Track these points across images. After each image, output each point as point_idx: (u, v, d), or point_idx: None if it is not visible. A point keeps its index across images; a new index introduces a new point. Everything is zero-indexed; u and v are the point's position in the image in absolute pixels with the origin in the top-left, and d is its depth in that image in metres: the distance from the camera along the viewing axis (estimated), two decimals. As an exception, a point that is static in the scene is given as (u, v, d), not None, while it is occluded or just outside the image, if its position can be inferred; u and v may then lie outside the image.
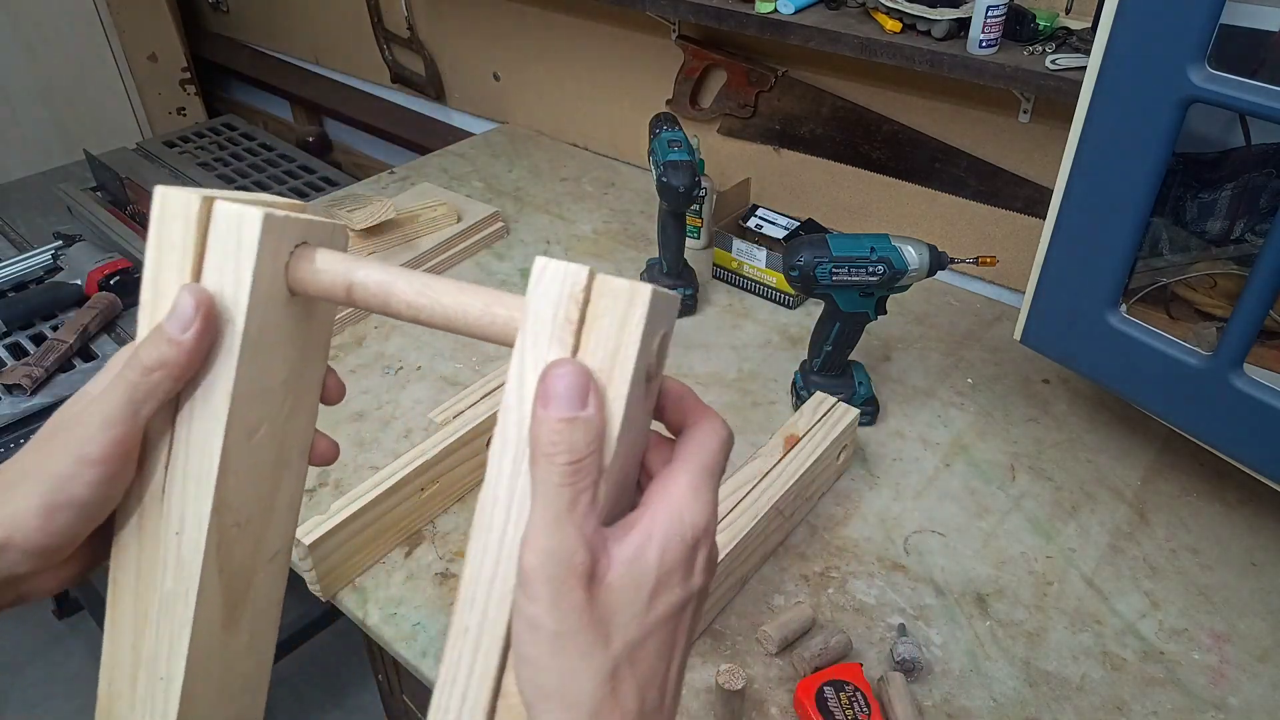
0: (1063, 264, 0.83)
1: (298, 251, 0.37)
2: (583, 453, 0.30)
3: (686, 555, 0.31)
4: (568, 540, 0.29)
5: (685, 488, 0.32)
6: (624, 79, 1.53)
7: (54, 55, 2.03)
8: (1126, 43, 0.70)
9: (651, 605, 0.31)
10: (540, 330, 0.32)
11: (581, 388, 0.30)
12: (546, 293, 0.32)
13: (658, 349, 0.33)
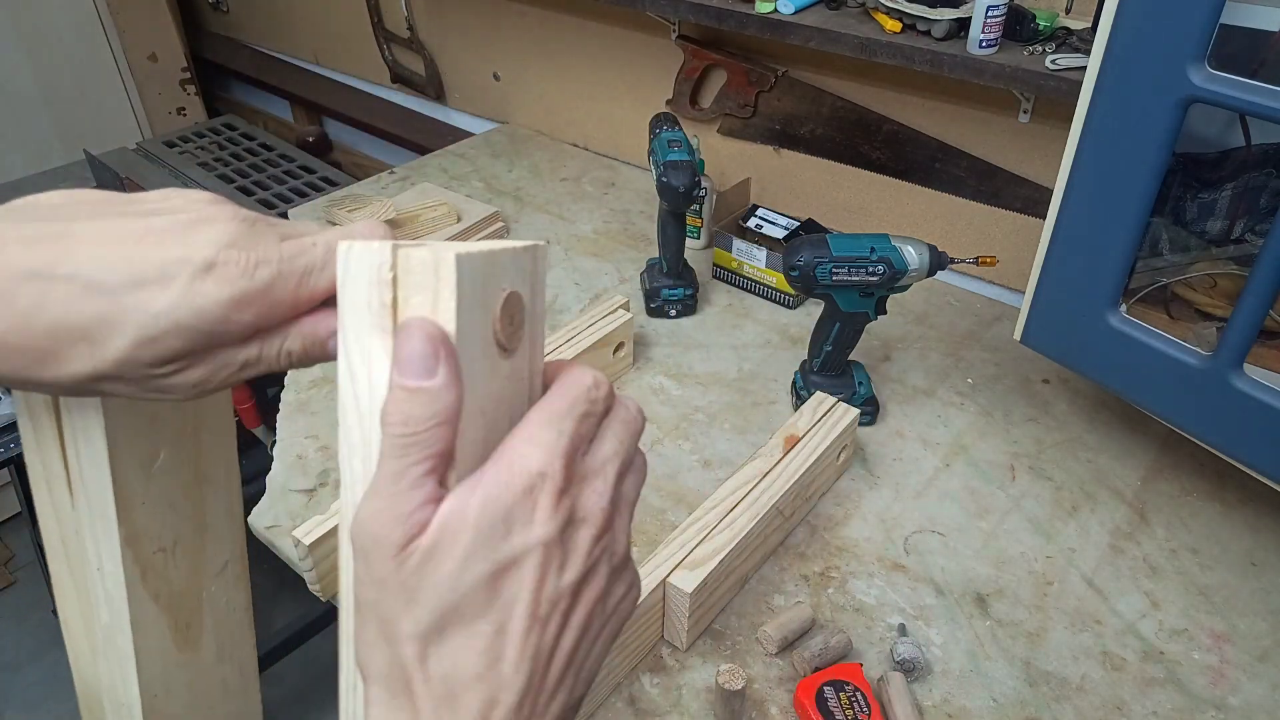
0: (1063, 264, 0.83)
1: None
2: (420, 425, 0.28)
3: (515, 502, 0.29)
4: (381, 514, 0.28)
5: (520, 437, 0.30)
6: (624, 79, 1.53)
7: (54, 55, 2.03)
8: (1126, 43, 0.70)
9: (466, 565, 0.28)
10: (359, 319, 0.30)
11: (428, 354, 0.28)
12: (355, 279, 0.29)
13: (504, 310, 0.30)
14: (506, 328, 0.31)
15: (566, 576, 0.30)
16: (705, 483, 0.93)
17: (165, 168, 1.76)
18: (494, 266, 0.30)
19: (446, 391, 0.28)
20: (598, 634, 0.32)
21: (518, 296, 0.31)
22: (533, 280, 0.32)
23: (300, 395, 1.04)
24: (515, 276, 0.31)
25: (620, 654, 0.71)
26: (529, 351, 0.33)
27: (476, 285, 0.29)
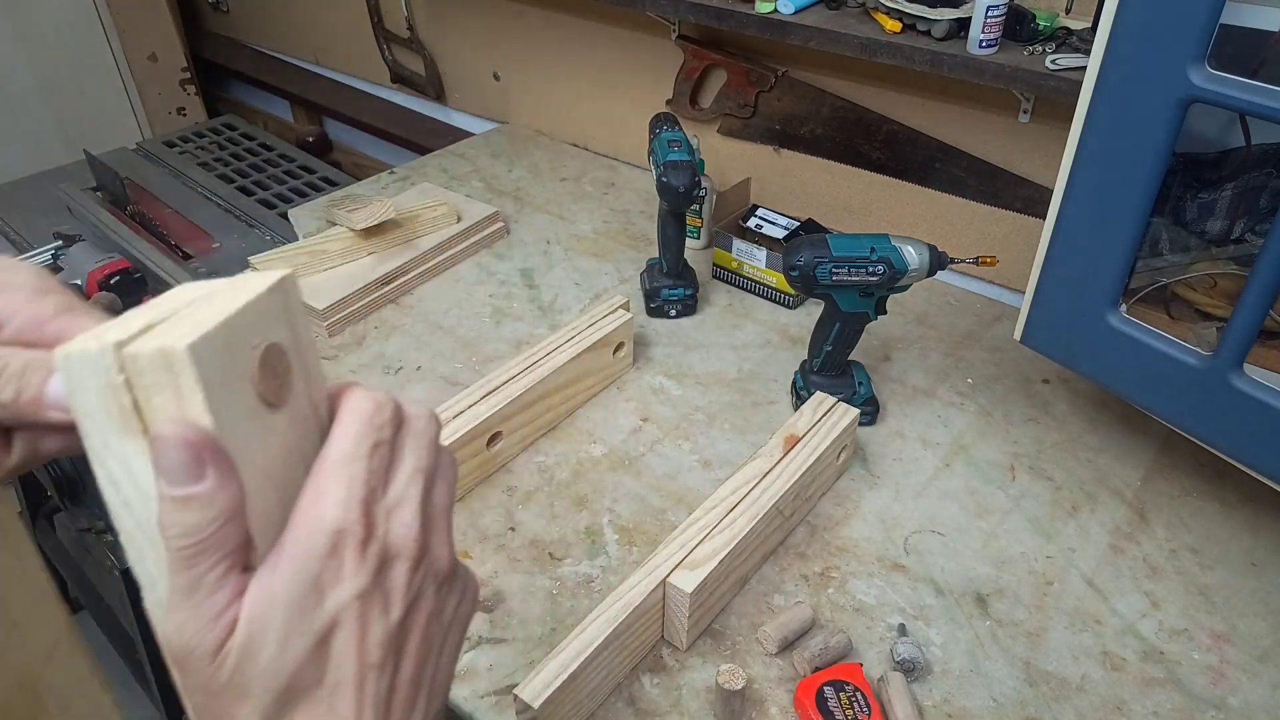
0: (1063, 264, 0.83)
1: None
2: (203, 532, 0.27)
3: (322, 568, 0.28)
4: (186, 625, 0.27)
5: (308, 498, 0.29)
6: (624, 79, 1.53)
7: (54, 55, 2.03)
8: (1126, 43, 0.70)
9: (287, 646, 0.28)
10: (102, 429, 0.27)
11: (187, 460, 0.26)
12: (84, 390, 0.27)
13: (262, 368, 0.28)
14: (270, 383, 0.29)
15: (392, 616, 0.29)
16: (705, 483, 0.93)
17: (165, 168, 1.76)
18: (237, 331, 0.27)
19: (221, 491, 0.27)
20: (440, 648, 0.32)
21: (276, 347, 0.29)
22: (289, 316, 0.30)
23: (300, 395, 1.04)
24: (268, 325, 0.29)
25: (620, 654, 0.71)
26: (305, 389, 0.31)
27: (222, 361, 0.27)
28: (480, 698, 0.72)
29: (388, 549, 0.29)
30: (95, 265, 1.33)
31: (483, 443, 0.90)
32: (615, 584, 0.75)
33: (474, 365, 1.09)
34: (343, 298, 1.15)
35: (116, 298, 1.28)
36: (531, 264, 1.31)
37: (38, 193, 1.65)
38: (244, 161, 1.80)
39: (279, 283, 0.30)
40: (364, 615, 0.29)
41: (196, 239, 1.50)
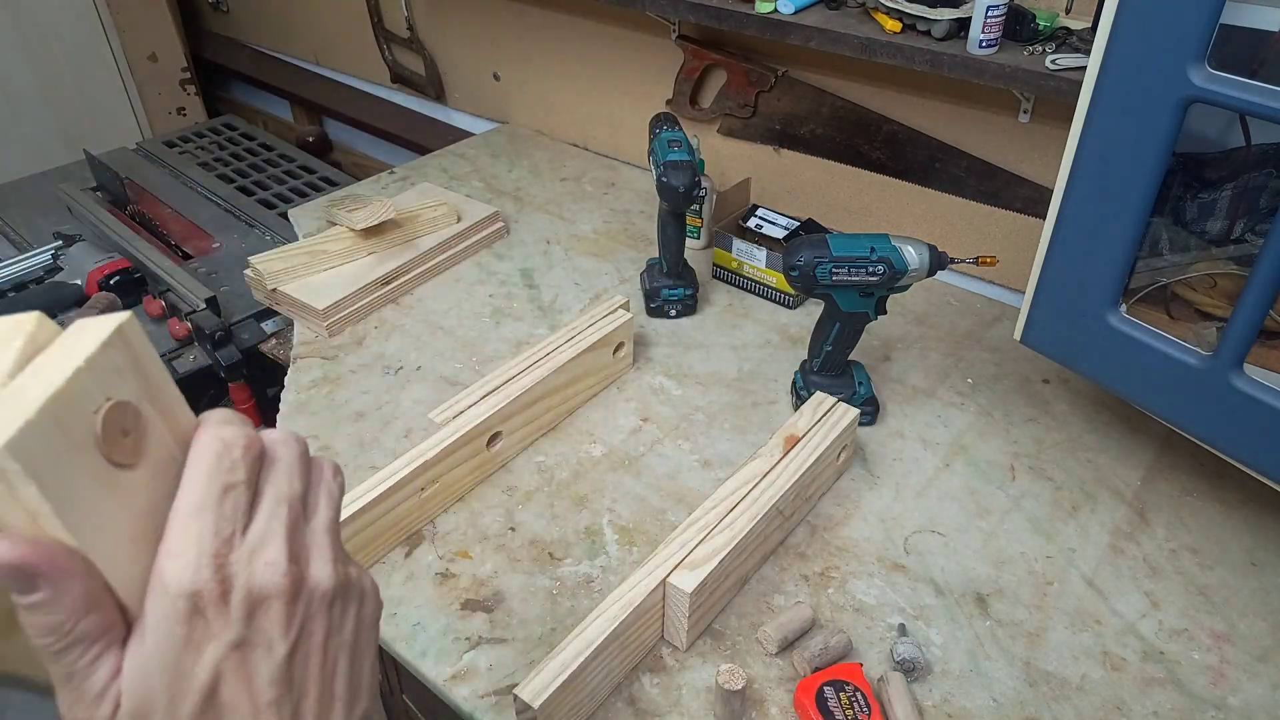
0: (1063, 264, 0.83)
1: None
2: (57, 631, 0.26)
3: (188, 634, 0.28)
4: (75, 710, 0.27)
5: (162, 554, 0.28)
6: (624, 79, 1.53)
7: (54, 55, 2.03)
8: (1126, 43, 0.70)
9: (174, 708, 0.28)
10: None
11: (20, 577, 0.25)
12: None
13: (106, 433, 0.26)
14: (119, 443, 0.27)
15: (276, 653, 0.29)
16: (705, 483, 0.93)
17: (165, 168, 1.76)
18: (70, 402, 0.25)
19: (63, 594, 0.26)
20: (350, 659, 0.32)
21: (123, 405, 0.27)
22: (135, 365, 0.28)
23: (300, 395, 1.04)
24: (109, 382, 0.26)
25: (620, 654, 0.71)
26: (166, 434, 0.29)
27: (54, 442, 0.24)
28: (480, 698, 0.72)
29: (254, 593, 0.29)
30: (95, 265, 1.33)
31: (483, 443, 0.90)
32: (615, 584, 0.75)
33: (474, 365, 1.09)
34: (343, 298, 1.15)
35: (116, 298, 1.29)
36: (531, 264, 1.31)
37: (38, 193, 1.65)
38: (244, 161, 1.80)
39: (116, 332, 0.27)
40: (245, 662, 0.29)
41: (196, 239, 1.50)
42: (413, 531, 0.86)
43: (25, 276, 1.36)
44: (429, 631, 0.77)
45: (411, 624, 0.78)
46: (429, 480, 0.85)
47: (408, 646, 0.76)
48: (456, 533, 0.87)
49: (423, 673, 0.75)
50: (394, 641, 0.77)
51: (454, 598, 0.80)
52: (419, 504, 0.85)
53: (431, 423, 0.89)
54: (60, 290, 1.31)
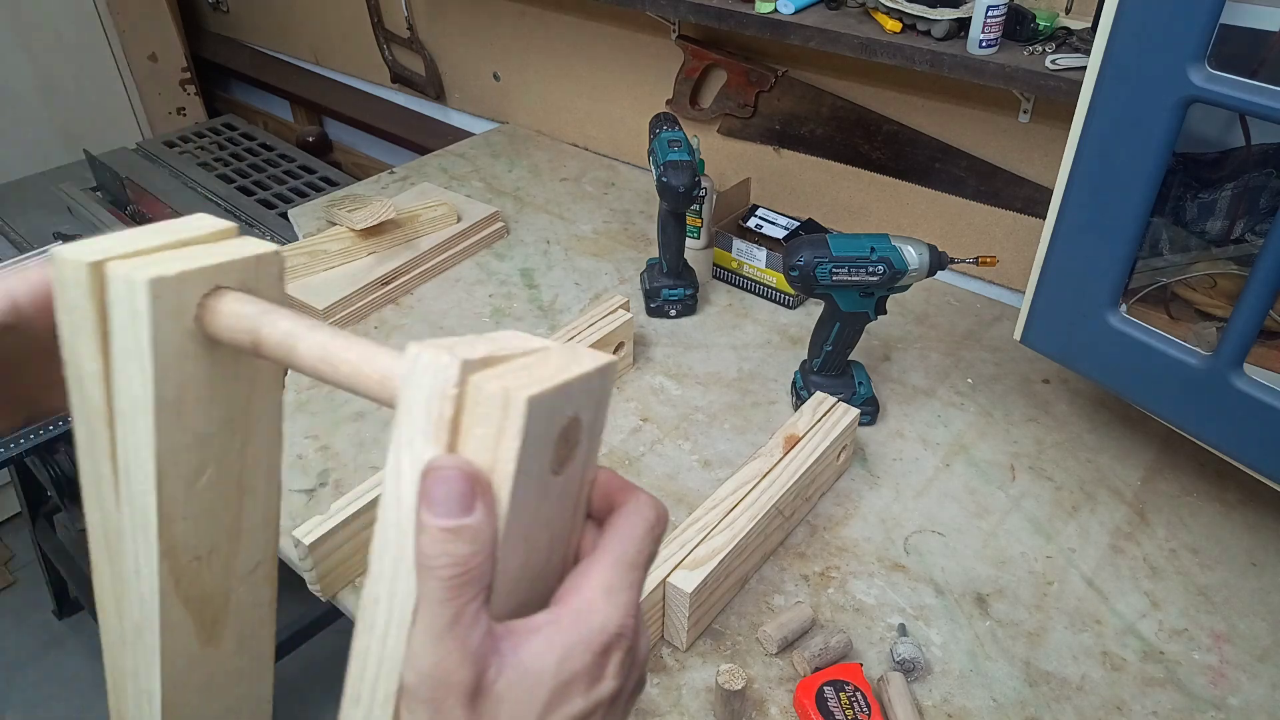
0: (1063, 264, 0.83)
1: (207, 301, 0.34)
2: (467, 564, 0.27)
3: (594, 662, 0.29)
4: (448, 658, 0.28)
5: (597, 587, 0.30)
6: (624, 79, 1.53)
7: (54, 55, 2.03)
8: (1126, 43, 0.70)
9: (545, 716, 0.29)
10: (414, 425, 0.29)
11: (464, 493, 0.27)
12: (419, 386, 0.29)
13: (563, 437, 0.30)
14: (560, 451, 0.30)
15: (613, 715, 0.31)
16: (705, 483, 0.93)
17: (165, 168, 1.76)
18: (562, 398, 0.29)
19: (488, 525, 0.28)
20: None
21: (578, 422, 0.31)
22: (598, 399, 0.32)
23: (300, 395, 1.04)
24: (582, 400, 0.31)
25: (620, 654, 0.71)
26: (581, 468, 0.32)
27: (542, 420, 0.28)
28: (480, 698, 0.72)
29: (635, 657, 0.31)
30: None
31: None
32: (615, 584, 0.75)
33: (474, 365, 1.09)
34: (343, 298, 1.15)
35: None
36: (531, 264, 1.31)
37: (38, 193, 1.65)
38: (244, 161, 1.80)
39: (606, 366, 0.31)
40: (607, 714, 0.30)
41: (196, 239, 1.50)
42: (413, 531, 0.86)
43: (25, 276, 1.36)
44: (429, 631, 0.77)
45: (411, 624, 0.78)
46: (429, 480, 0.84)
47: (408, 646, 0.76)
48: (456, 533, 0.87)
49: (423, 673, 0.75)
50: (394, 641, 0.77)
51: (454, 598, 0.80)
52: (419, 504, 0.85)
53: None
54: (60, 290, 1.31)
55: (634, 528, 0.31)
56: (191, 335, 0.34)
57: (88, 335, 0.34)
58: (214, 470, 0.38)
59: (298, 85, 2.19)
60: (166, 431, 0.35)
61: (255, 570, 0.42)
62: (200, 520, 0.38)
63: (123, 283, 0.33)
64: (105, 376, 0.35)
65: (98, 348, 0.34)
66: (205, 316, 0.34)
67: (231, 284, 0.35)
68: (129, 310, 0.33)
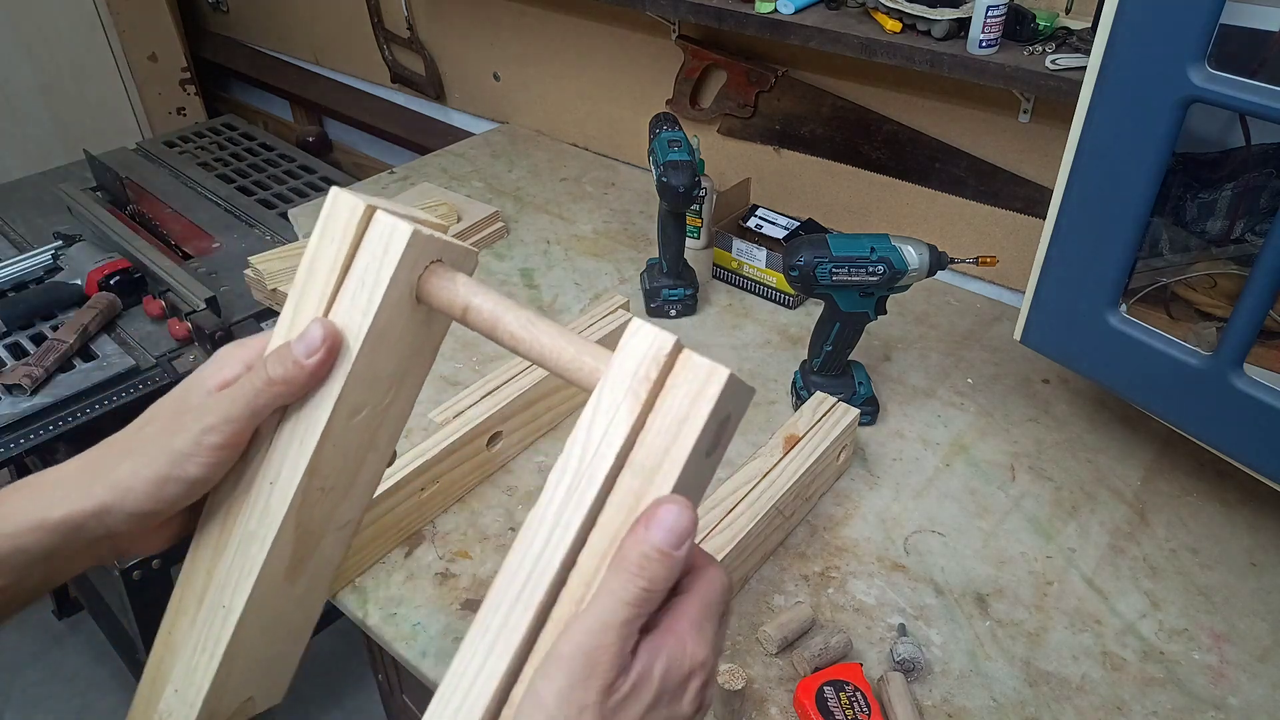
0: (1063, 264, 0.83)
1: (431, 267, 0.41)
2: (660, 586, 0.33)
3: (680, 682, 0.34)
4: (607, 651, 0.32)
5: (692, 621, 0.35)
6: (624, 79, 1.53)
7: (54, 55, 2.03)
8: (1126, 43, 0.70)
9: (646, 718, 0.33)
10: (620, 380, 0.35)
11: (685, 532, 0.33)
12: (634, 350, 0.35)
13: (720, 429, 0.35)
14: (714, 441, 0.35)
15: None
16: (705, 483, 0.93)
17: (165, 168, 1.76)
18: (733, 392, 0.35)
19: (682, 564, 0.33)
20: None
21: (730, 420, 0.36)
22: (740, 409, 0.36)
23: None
24: (736, 404, 0.35)
25: (620, 654, 0.71)
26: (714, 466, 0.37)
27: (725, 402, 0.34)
28: (480, 698, 0.72)
29: (707, 692, 0.36)
30: (95, 265, 1.33)
31: (483, 443, 0.90)
32: (615, 584, 0.75)
33: (474, 365, 1.09)
34: (343, 298, 1.15)
35: (116, 298, 1.29)
36: (531, 264, 1.31)
37: (38, 193, 1.65)
38: (244, 161, 1.80)
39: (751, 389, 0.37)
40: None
41: (196, 239, 1.50)
42: (413, 531, 0.86)
43: (25, 276, 1.36)
44: (429, 631, 0.77)
45: (412, 624, 0.78)
46: (429, 480, 0.85)
47: (407, 646, 0.76)
48: (456, 533, 0.87)
49: (423, 672, 0.75)
50: (394, 641, 0.77)
51: (454, 598, 0.80)
52: (419, 504, 0.85)
53: (431, 423, 0.89)
54: (60, 290, 1.31)
55: (714, 583, 0.36)
56: (411, 289, 0.41)
57: (330, 262, 0.41)
58: (368, 412, 0.43)
59: (298, 85, 2.19)
60: (364, 360, 0.41)
61: (345, 526, 0.47)
62: (341, 454, 0.43)
63: (388, 225, 0.40)
64: (329, 300, 0.41)
65: (335, 276, 0.41)
66: (427, 278, 0.41)
67: (448, 261, 0.42)
68: (383, 247, 0.40)
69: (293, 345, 0.40)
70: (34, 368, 1.13)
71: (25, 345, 1.24)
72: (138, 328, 1.29)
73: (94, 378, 1.17)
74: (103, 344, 1.24)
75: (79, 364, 1.19)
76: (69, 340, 1.18)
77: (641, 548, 0.33)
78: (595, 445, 0.35)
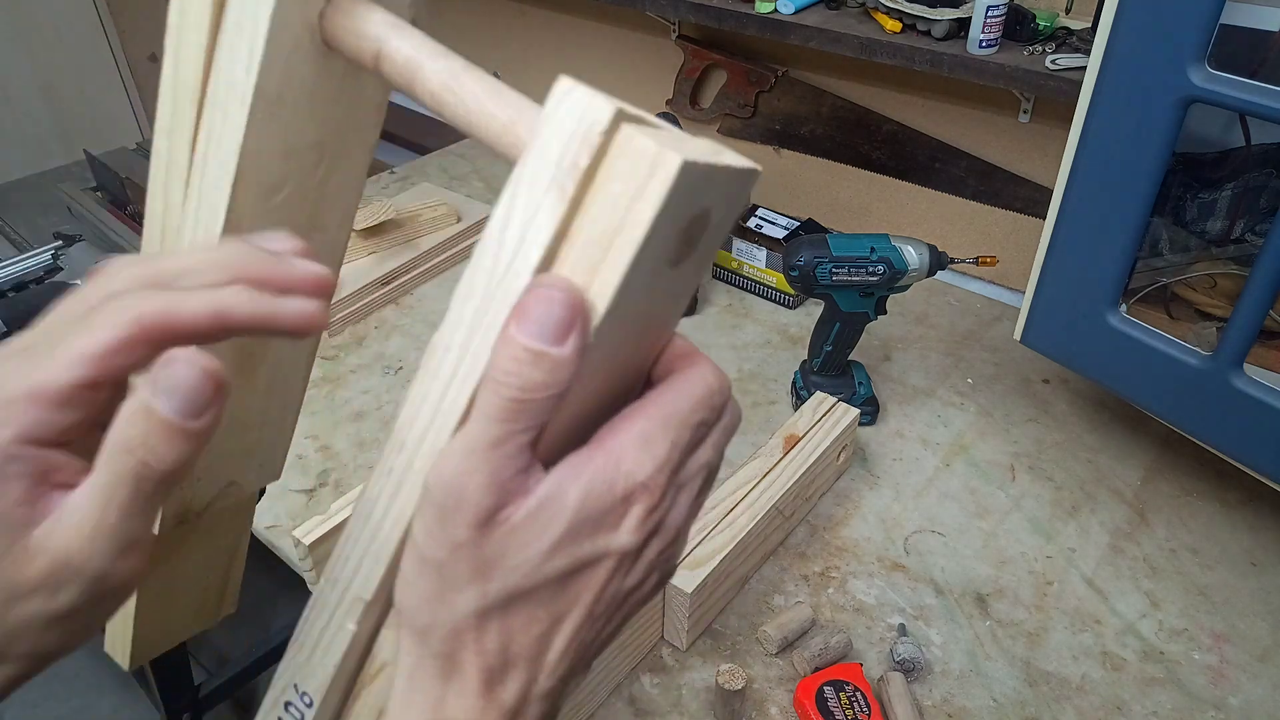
0: (1063, 264, 0.83)
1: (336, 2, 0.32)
2: (535, 393, 0.26)
3: (611, 507, 0.27)
4: (474, 479, 0.26)
5: (634, 434, 0.28)
6: (624, 79, 1.53)
7: (54, 55, 2.03)
8: (1126, 43, 0.70)
9: (551, 556, 0.27)
10: (541, 168, 0.26)
11: (564, 321, 0.25)
12: (560, 126, 0.26)
13: (690, 230, 0.27)
14: (682, 246, 0.27)
15: (628, 581, 0.30)
16: (705, 483, 0.93)
17: (165, 168, 1.76)
18: (706, 181, 0.26)
19: (570, 364, 0.26)
20: (620, 622, 0.32)
21: (706, 216, 0.28)
22: (731, 202, 0.29)
23: (300, 395, 1.04)
24: (717, 195, 0.27)
25: (620, 654, 0.71)
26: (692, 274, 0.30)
27: (683, 197, 0.25)
28: (480, 698, 0.72)
29: (661, 524, 0.29)
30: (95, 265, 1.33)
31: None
32: (615, 584, 0.75)
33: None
34: (343, 297, 1.15)
35: (116, 298, 1.28)
36: (531, 264, 1.30)
37: (38, 193, 1.65)
38: (244, 161, 1.80)
39: (750, 171, 0.28)
40: (615, 571, 0.29)
41: (196, 239, 1.50)
42: (413, 531, 0.86)
43: (25, 276, 1.36)
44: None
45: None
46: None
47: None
48: (456, 533, 0.87)
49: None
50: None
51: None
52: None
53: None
54: (60, 290, 1.31)
55: (690, 385, 0.29)
56: (311, 33, 0.32)
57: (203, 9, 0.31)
58: (292, 190, 0.36)
59: (298, 85, 2.18)
60: (257, 128, 0.33)
61: None
62: None
63: None
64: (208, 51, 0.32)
65: (210, 18, 0.31)
66: (332, 16, 0.32)
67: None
68: None
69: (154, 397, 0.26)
70: (34, 368, 1.13)
71: (25, 345, 1.24)
72: (138, 328, 1.29)
73: (94, 378, 1.17)
74: (103, 344, 1.24)
75: (79, 364, 1.19)
76: (69, 340, 1.18)
77: (508, 349, 0.26)
78: (509, 256, 0.27)
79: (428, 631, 0.28)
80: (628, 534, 0.28)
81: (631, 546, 0.28)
